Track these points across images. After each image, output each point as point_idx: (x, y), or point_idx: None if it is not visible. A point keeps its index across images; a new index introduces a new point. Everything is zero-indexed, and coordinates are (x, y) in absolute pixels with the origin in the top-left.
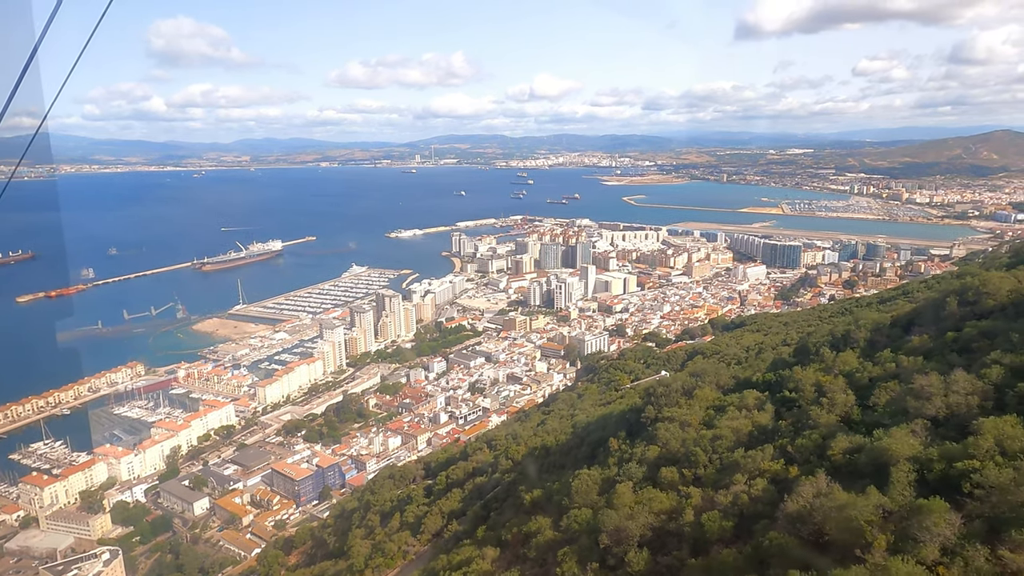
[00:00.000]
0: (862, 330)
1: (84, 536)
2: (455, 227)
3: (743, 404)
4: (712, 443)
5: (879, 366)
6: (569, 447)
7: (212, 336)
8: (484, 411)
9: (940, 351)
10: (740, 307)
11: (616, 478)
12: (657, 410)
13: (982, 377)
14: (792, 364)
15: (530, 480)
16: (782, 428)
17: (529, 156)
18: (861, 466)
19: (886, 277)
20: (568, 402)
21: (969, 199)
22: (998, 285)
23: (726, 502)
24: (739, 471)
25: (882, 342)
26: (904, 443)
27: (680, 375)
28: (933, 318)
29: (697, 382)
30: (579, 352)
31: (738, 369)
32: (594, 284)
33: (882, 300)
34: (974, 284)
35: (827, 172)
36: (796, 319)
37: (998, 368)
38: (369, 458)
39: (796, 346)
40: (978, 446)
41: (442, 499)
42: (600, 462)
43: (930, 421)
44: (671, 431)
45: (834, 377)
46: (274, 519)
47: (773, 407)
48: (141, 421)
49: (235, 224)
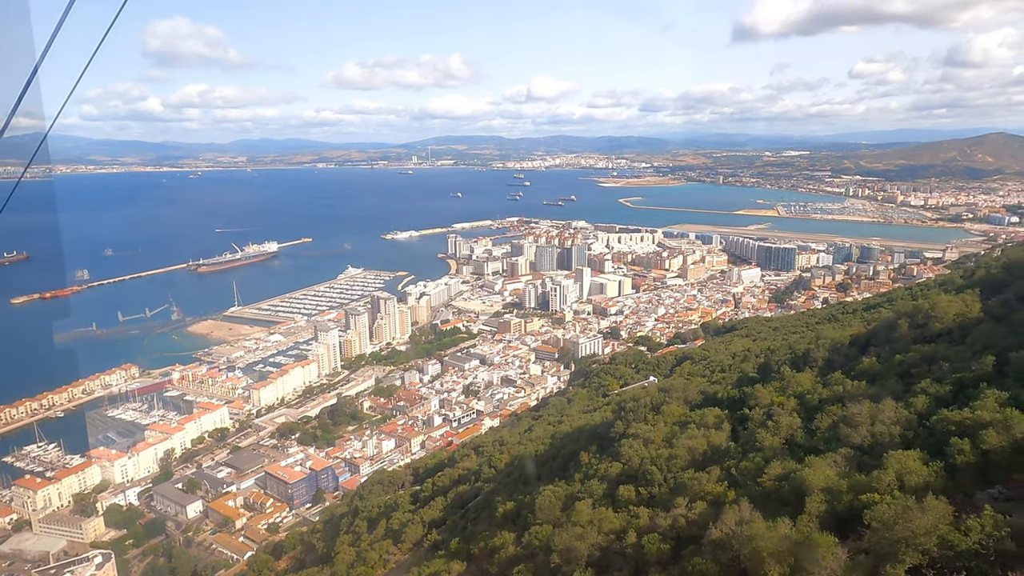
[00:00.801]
0: (821, 349)
1: (77, 539)
2: (451, 229)
3: (703, 422)
4: (668, 462)
5: (829, 388)
6: (546, 458)
7: (207, 338)
8: (478, 414)
9: (885, 374)
10: (734, 310)
11: (578, 494)
12: (625, 425)
13: (909, 406)
14: (756, 380)
15: (506, 491)
16: (731, 450)
17: (526, 157)
18: (785, 494)
19: (879, 280)
20: (558, 407)
21: (963, 202)
22: (946, 309)
23: (666, 525)
24: (685, 492)
25: (839, 361)
26: (820, 474)
27: (651, 389)
28: (886, 339)
29: (665, 397)
30: (573, 355)
31: (721, 376)
32: (589, 286)
33: (867, 307)
34: (924, 307)
35: (823, 174)
36: (785, 324)
37: (924, 398)
38: (363, 461)
39: (760, 362)
40: (880, 480)
41: (424, 508)
42: (570, 475)
43: (856, 450)
44: (634, 448)
45: (787, 398)
46: (267, 522)
47: (730, 426)
48: (135, 424)
49: (230, 225)
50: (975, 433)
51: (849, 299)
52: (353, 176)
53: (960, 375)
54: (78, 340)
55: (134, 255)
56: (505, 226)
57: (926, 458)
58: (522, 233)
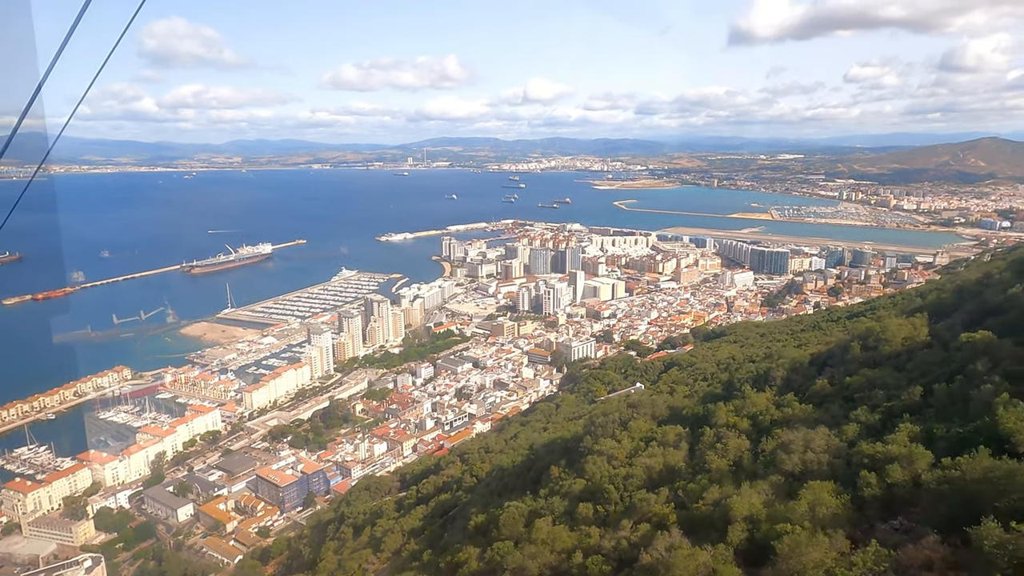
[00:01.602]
0: (780, 369)
1: (67, 543)
2: (446, 231)
3: (665, 440)
4: (624, 481)
5: (781, 409)
6: (522, 469)
7: (200, 340)
8: (470, 417)
9: (834, 397)
10: (727, 314)
11: (541, 511)
12: (594, 440)
13: (841, 434)
14: (720, 397)
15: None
16: (683, 470)
17: (522, 159)
18: (716, 520)
19: (870, 285)
20: (545, 413)
21: (956, 206)
22: (895, 332)
23: (610, 546)
24: (634, 513)
25: (797, 381)
26: (746, 502)
27: (621, 404)
28: (841, 360)
29: (633, 413)
30: (566, 358)
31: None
32: (583, 290)
33: (851, 315)
34: (876, 329)
35: (817, 178)
36: (772, 330)
37: (855, 426)
38: (354, 464)
39: (725, 380)
40: (794, 510)
41: (406, 516)
42: (542, 487)
43: (787, 477)
44: (597, 465)
45: (742, 418)
46: (258, 526)
47: (688, 445)
48: (127, 426)
49: (224, 227)
50: (882, 467)
51: (840, 303)
52: (348, 177)
53: (890, 404)
54: (72, 342)
55: (131, 257)
56: (500, 228)
57: (839, 489)
58: (516, 236)
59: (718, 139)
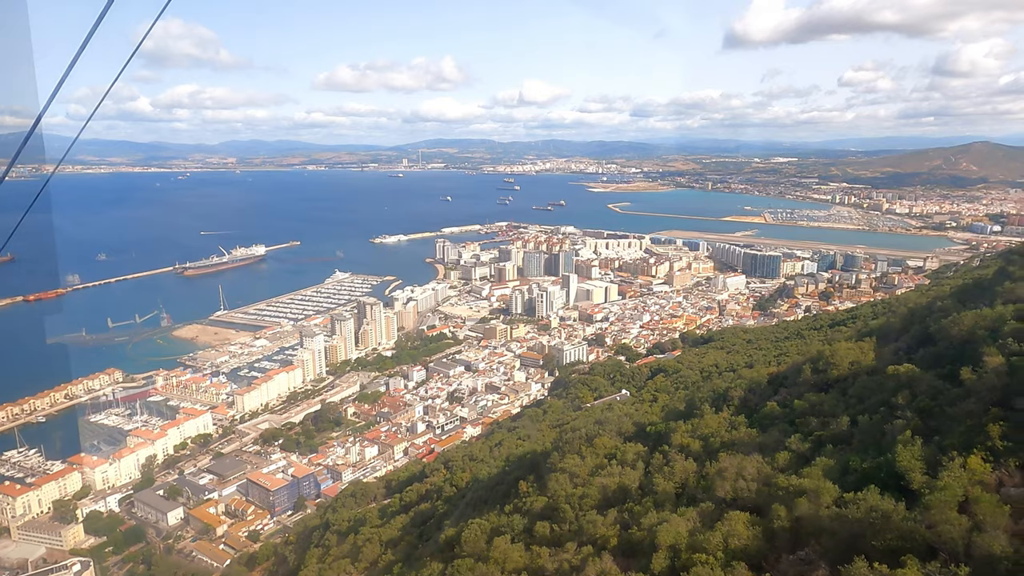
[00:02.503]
0: (738, 389)
1: (56, 547)
2: (440, 233)
3: (624, 459)
4: (580, 500)
5: (731, 431)
6: (497, 481)
7: (192, 343)
8: (461, 421)
9: (779, 421)
10: (719, 317)
11: (501, 528)
12: (560, 456)
13: (773, 461)
14: (683, 415)
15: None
16: (633, 492)
17: (517, 161)
18: (647, 547)
19: (860, 289)
20: (533, 419)
21: (947, 210)
22: (843, 356)
23: (553, 568)
24: (582, 534)
25: (753, 401)
26: (672, 530)
27: (588, 420)
28: (793, 382)
29: (599, 430)
30: (558, 362)
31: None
32: (576, 293)
33: (833, 323)
34: (826, 353)
35: (810, 181)
36: (759, 336)
37: (786, 454)
38: (345, 468)
39: (687, 399)
40: (709, 540)
41: (385, 527)
42: (511, 500)
43: (718, 504)
44: (559, 483)
45: (694, 440)
46: (248, 529)
47: (644, 465)
48: (117, 429)
49: (218, 228)
50: (793, 499)
51: (831, 308)
52: (343, 178)
53: (820, 433)
54: (64, 344)
55: (128, 259)
56: (494, 231)
57: (755, 520)
58: (511, 238)
59: (713, 142)
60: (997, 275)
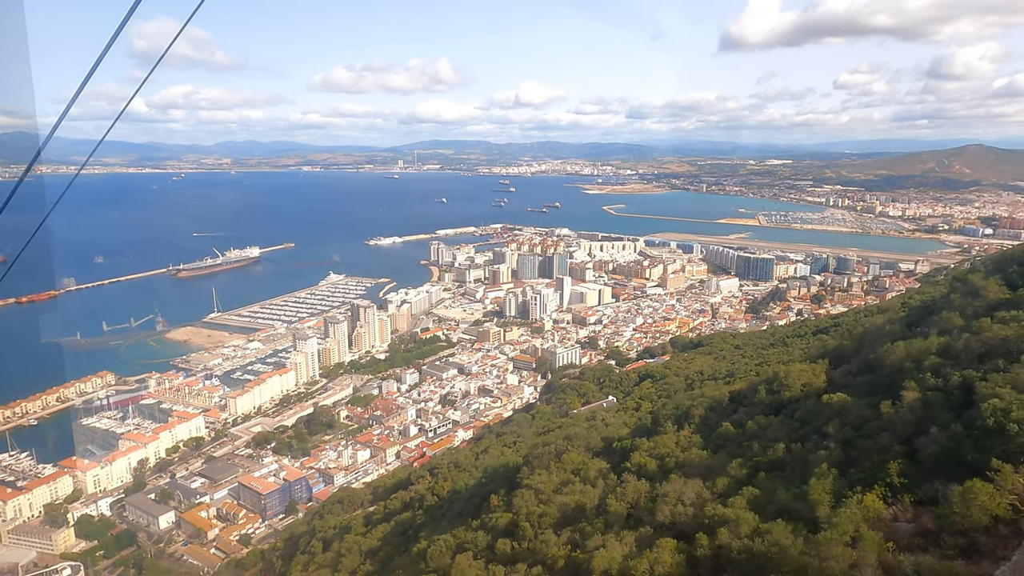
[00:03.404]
0: (699, 407)
1: (47, 551)
2: (435, 235)
3: (586, 476)
4: (539, 519)
5: (686, 452)
6: (473, 493)
7: (186, 345)
8: (453, 424)
9: (732, 441)
10: (711, 320)
11: (466, 544)
12: (530, 471)
13: (713, 486)
14: (648, 432)
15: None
16: (588, 512)
17: (512, 163)
18: (584, 571)
19: (852, 292)
20: (521, 425)
21: (940, 213)
22: (796, 377)
23: None
24: (535, 554)
25: (713, 419)
26: (607, 556)
27: (569, 429)
28: (749, 402)
29: (568, 445)
30: (550, 365)
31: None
32: (569, 295)
33: (817, 331)
34: (780, 374)
35: (805, 183)
36: (746, 342)
37: (725, 479)
38: (337, 471)
39: (653, 414)
40: (637, 568)
41: (366, 536)
42: (482, 514)
43: (657, 528)
44: (525, 499)
45: (651, 459)
46: (239, 533)
47: (604, 483)
48: (109, 432)
49: (212, 230)
50: (714, 529)
51: (822, 311)
52: (338, 180)
53: (759, 459)
54: (58, 347)
55: (122, 261)
56: (489, 233)
57: (682, 547)
58: (505, 240)
59: (708, 144)
60: (941, 301)
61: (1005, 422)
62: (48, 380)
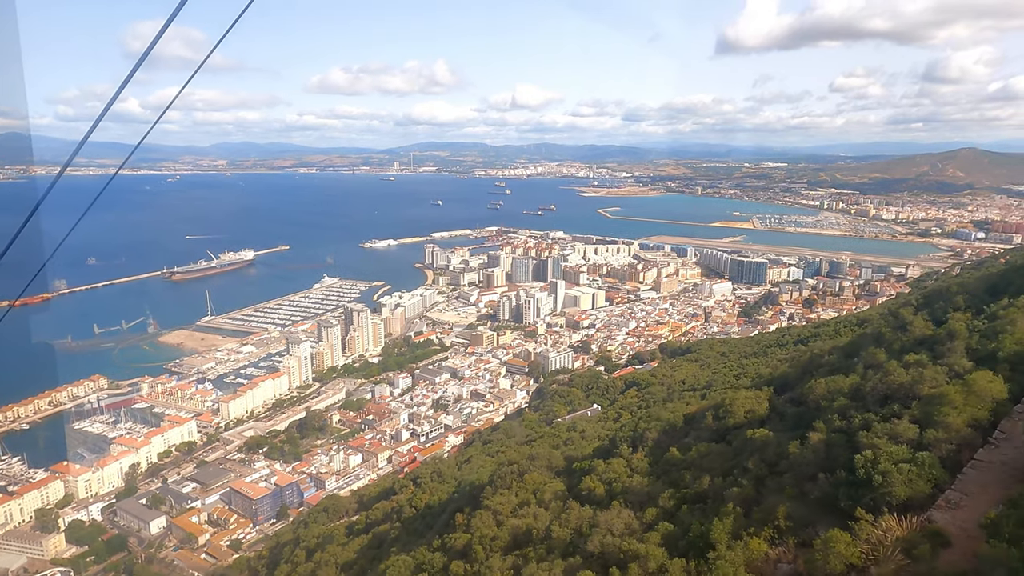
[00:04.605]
0: (653, 431)
1: (37, 556)
2: (430, 238)
3: (542, 499)
4: (491, 542)
5: (631, 478)
6: (444, 507)
7: (179, 349)
8: (445, 428)
9: (676, 468)
10: (704, 324)
11: (424, 565)
12: (494, 490)
13: (642, 516)
14: (606, 453)
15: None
16: (535, 537)
17: (508, 165)
18: None
19: (843, 297)
20: (507, 433)
21: (933, 216)
22: (740, 405)
23: None
24: None
25: (666, 442)
26: None
27: (522, 454)
28: (697, 427)
29: (531, 465)
30: (543, 369)
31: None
32: (563, 299)
33: (798, 340)
34: (726, 402)
35: (800, 186)
36: (732, 349)
37: (653, 510)
38: (329, 476)
39: (612, 436)
40: None
41: (344, 548)
42: (446, 532)
43: (586, 558)
44: (483, 520)
45: (599, 483)
46: (230, 539)
47: (556, 506)
48: (101, 437)
49: (207, 232)
50: (627, 564)
51: (813, 316)
52: (334, 182)
53: (686, 491)
54: (49, 351)
55: (116, 263)
56: (484, 236)
57: None
58: (500, 243)
59: (704, 146)
60: (871, 336)
61: (872, 473)
62: (40, 384)
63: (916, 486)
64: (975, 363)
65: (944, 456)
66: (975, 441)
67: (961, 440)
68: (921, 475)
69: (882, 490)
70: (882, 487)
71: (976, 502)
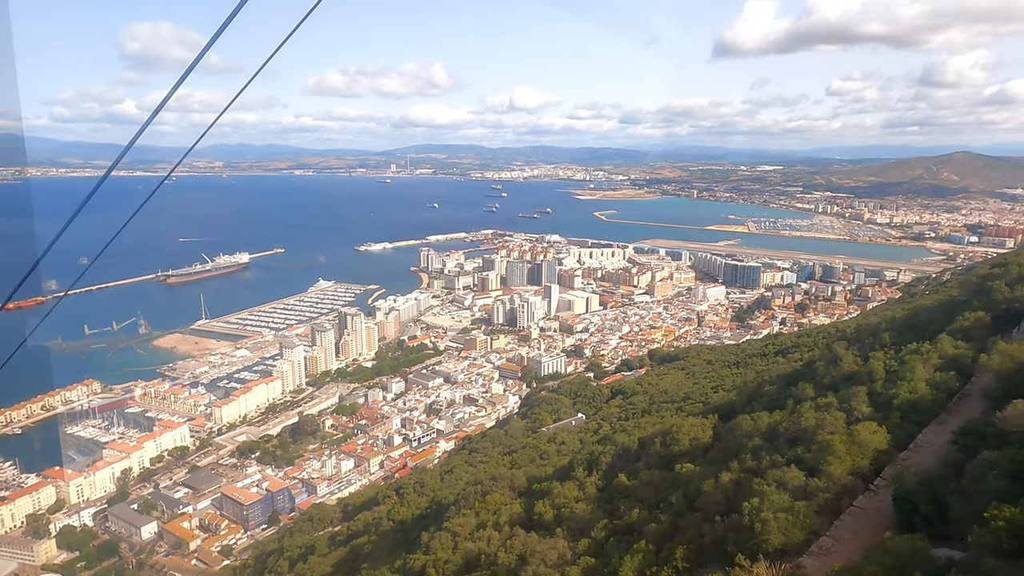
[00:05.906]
0: (607, 455)
1: (28, 562)
2: (425, 241)
3: (497, 522)
4: (444, 565)
5: (579, 503)
6: (416, 522)
7: (172, 352)
8: (437, 433)
9: (618, 495)
10: (697, 328)
11: None
12: (457, 510)
13: (575, 547)
14: (564, 475)
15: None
16: (484, 563)
17: (505, 167)
18: None
19: (835, 302)
20: (494, 441)
21: (927, 220)
22: (686, 433)
23: None
24: None
25: (619, 466)
26: None
27: (488, 473)
28: (646, 454)
29: (493, 486)
30: (536, 373)
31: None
32: (557, 303)
33: (780, 351)
34: (672, 429)
35: (795, 190)
36: (719, 357)
37: (586, 541)
38: (321, 481)
39: (573, 457)
40: None
41: (323, 559)
42: (412, 550)
43: None
44: (441, 542)
45: (549, 508)
46: (221, 544)
47: (508, 530)
48: (94, 441)
49: (203, 234)
50: None
51: (805, 320)
52: (330, 184)
53: (617, 522)
54: (42, 354)
55: (110, 267)
56: (479, 239)
57: None
58: (496, 246)
59: (701, 149)
60: (804, 369)
61: (754, 520)
62: (33, 388)
63: (791, 534)
64: (874, 409)
65: (824, 503)
66: (856, 488)
67: (841, 488)
68: (796, 523)
69: (760, 537)
70: (760, 534)
71: (846, 548)
